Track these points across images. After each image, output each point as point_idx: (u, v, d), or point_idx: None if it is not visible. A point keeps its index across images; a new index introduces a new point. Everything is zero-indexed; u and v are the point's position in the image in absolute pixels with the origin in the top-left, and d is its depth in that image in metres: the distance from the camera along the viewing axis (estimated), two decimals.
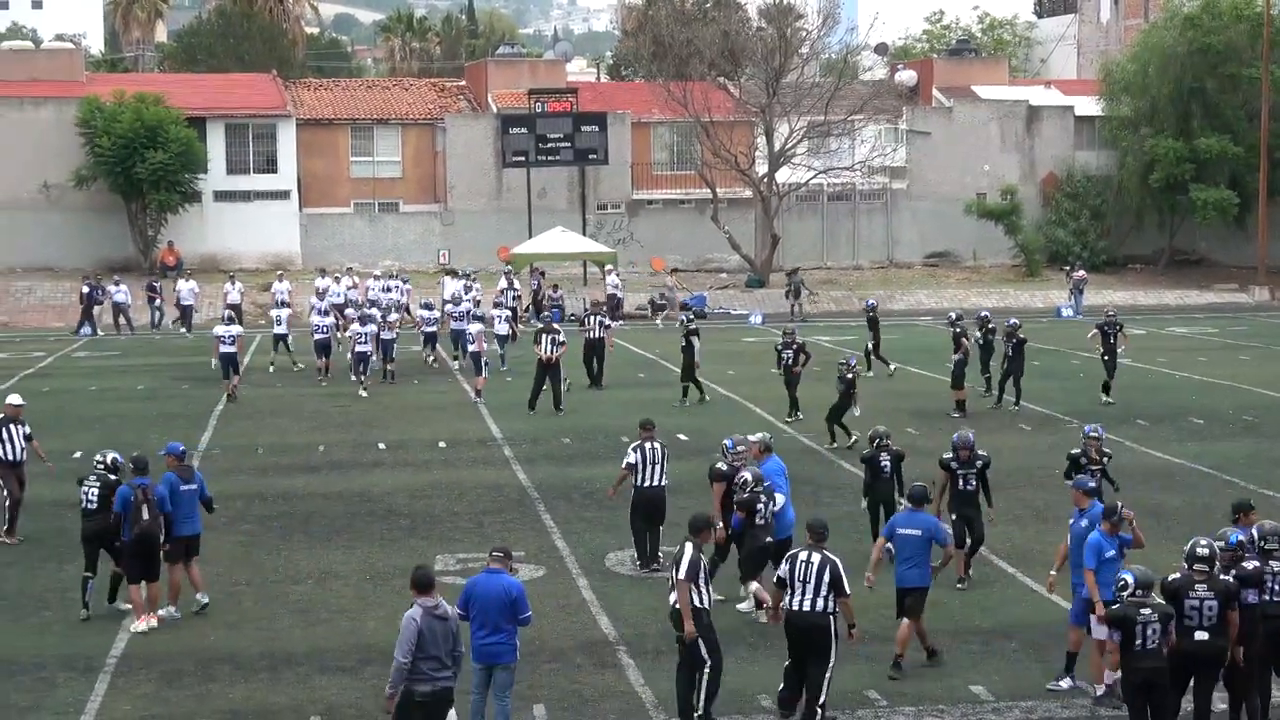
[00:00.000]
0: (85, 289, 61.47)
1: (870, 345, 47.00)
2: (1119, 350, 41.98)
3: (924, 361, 48.24)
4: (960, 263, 79.36)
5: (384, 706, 15.83)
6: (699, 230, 76.16)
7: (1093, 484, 20.37)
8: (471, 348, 43.34)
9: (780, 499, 22.41)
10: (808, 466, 32.62)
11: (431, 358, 49.17)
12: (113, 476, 22.28)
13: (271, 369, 47.88)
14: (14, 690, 19.08)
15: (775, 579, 18.19)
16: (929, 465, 30.21)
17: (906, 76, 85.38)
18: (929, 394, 41.91)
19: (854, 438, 34.16)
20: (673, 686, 18.61)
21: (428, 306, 50.13)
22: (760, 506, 21.74)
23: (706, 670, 17.56)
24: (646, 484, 23.99)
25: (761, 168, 72.86)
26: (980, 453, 23.35)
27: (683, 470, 31.34)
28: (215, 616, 21.97)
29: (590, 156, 73.30)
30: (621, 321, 60.61)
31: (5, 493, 26.46)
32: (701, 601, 17.57)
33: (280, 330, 49.00)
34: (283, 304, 52.39)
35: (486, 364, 43.01)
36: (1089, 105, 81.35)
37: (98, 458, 22.79)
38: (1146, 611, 16.35)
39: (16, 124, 71.27)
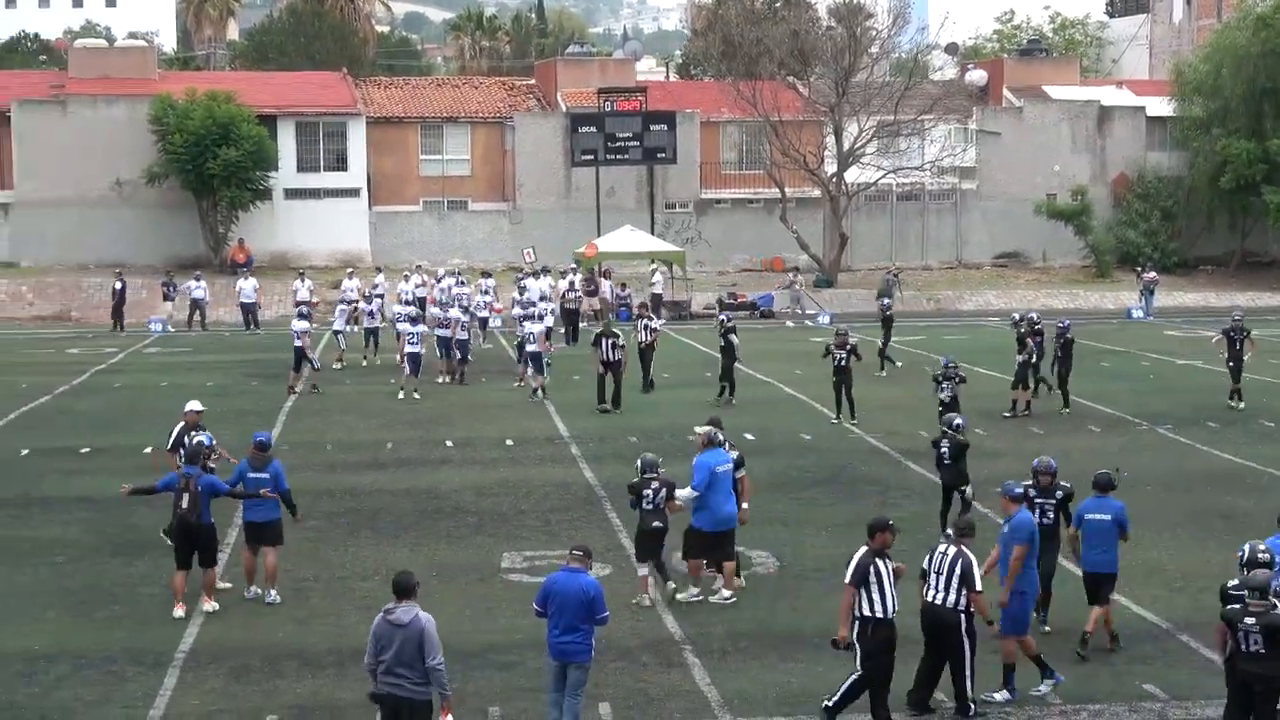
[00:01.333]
0: (118, 285, 61.65)
1: (880, 344, 47.25)
2: (1245, 357, 40.87)
3: (991, 362, 48.00)
4: (1030, 264, 79.01)
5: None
6: (767, 230, 76.02)
7: (1019, 490, 19.76)
8: (531, 347, 42.89)
9: (685, 493, 22.39)
10: (875, 467, 32.56)
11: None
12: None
13: (339, 365, 48.01)
14: (83, 684, 19.21)
15: (920, 572, 18.22)
16: (995, 466, 30.18)
17: (977, 76, 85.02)
18: (996, 395, 41.65)
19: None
20: (739, 685, 18.68)
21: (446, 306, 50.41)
22: (648, 492, 22.09)
23: (853, 676, 17.44)
24: None
25: (830, 167, 72.70)
26: (1063, 483, 21.31)
27: (751, 469, 31.24)
28: (283, 612, 22.07)
29: (659, 155, 73.26)
30: (664, 320, 60.52)
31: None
32: (871, 609, 17.25)
33: (338, 326, 49.23)
34: (342, 301, 52.52)
35: (548, 364, 43.05)
36: (1161, 106, 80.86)
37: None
38: (1249, 621, 16.05)
39: (90, 121, 71.80)
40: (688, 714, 18.11)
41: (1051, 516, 20.99)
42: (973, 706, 17.83)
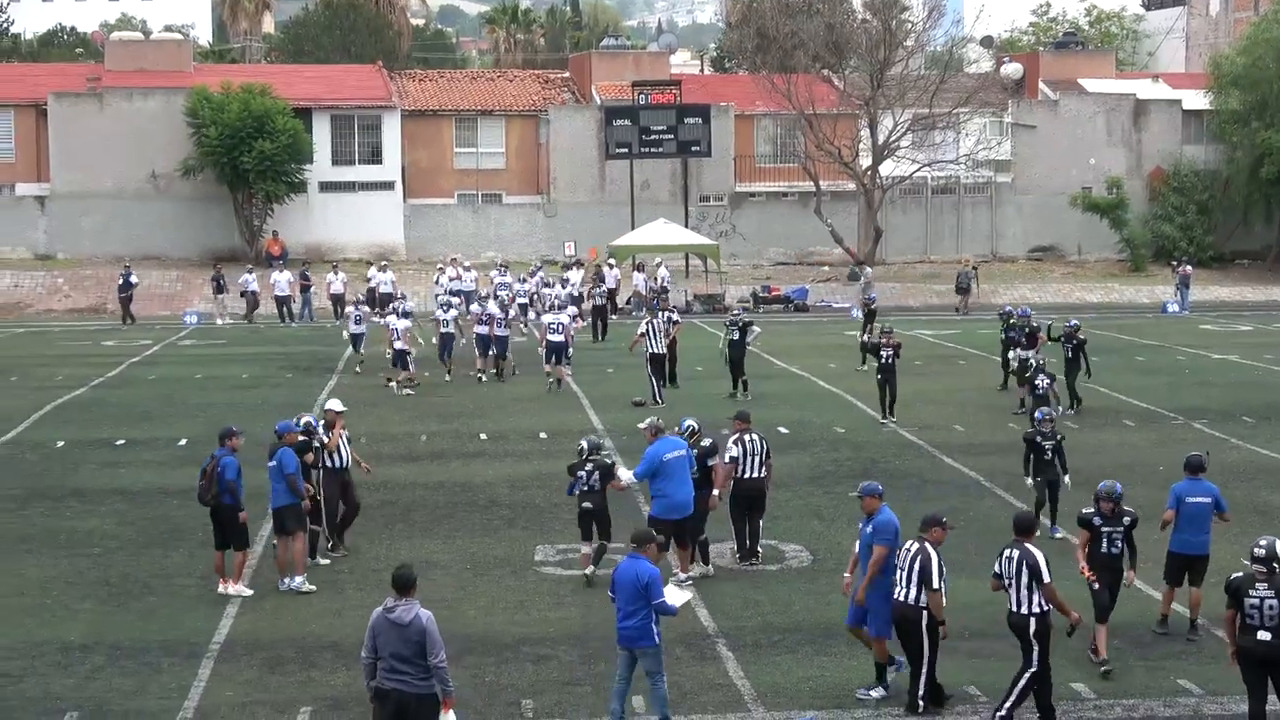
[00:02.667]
0: (131, 278, 61.51)
1: (862, 336, 46.61)
2: None
3: None
4: (1065, 257, 78.79)
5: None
6: (801, 223, 75.95)
7: (881, 488, 19.30)
8: (555, 337, 42.69)
9: (626, 475, 23.47)
10: (910, 461, 32.50)
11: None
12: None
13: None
14: (119, 674, 19.28)
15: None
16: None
17: (1012, 69, 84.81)
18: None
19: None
20: (773, 679, 18.69)
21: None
22: (581, 474, 23.31)
23: (1029, 674, 17.50)
24: (746, 476, 24.00)
25: (865, 160, 72.58)
26: (1127, 509, 19.82)
27: (783, 464, 31.24)
28: (318, 604, 22.13)
29: (693, 149, 73.27)
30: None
31: (327, 504, 24.64)
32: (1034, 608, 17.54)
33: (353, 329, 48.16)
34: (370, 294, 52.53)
35: (569, 356, 43.19)
36: (1197, 99, 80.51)
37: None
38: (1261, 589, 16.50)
39: (125, 114, 72.02)
40: (721, 707, 18.11)
41: (1119, 546, 19.61)
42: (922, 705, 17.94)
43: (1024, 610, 17.44)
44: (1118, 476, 28.16)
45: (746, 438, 24.19)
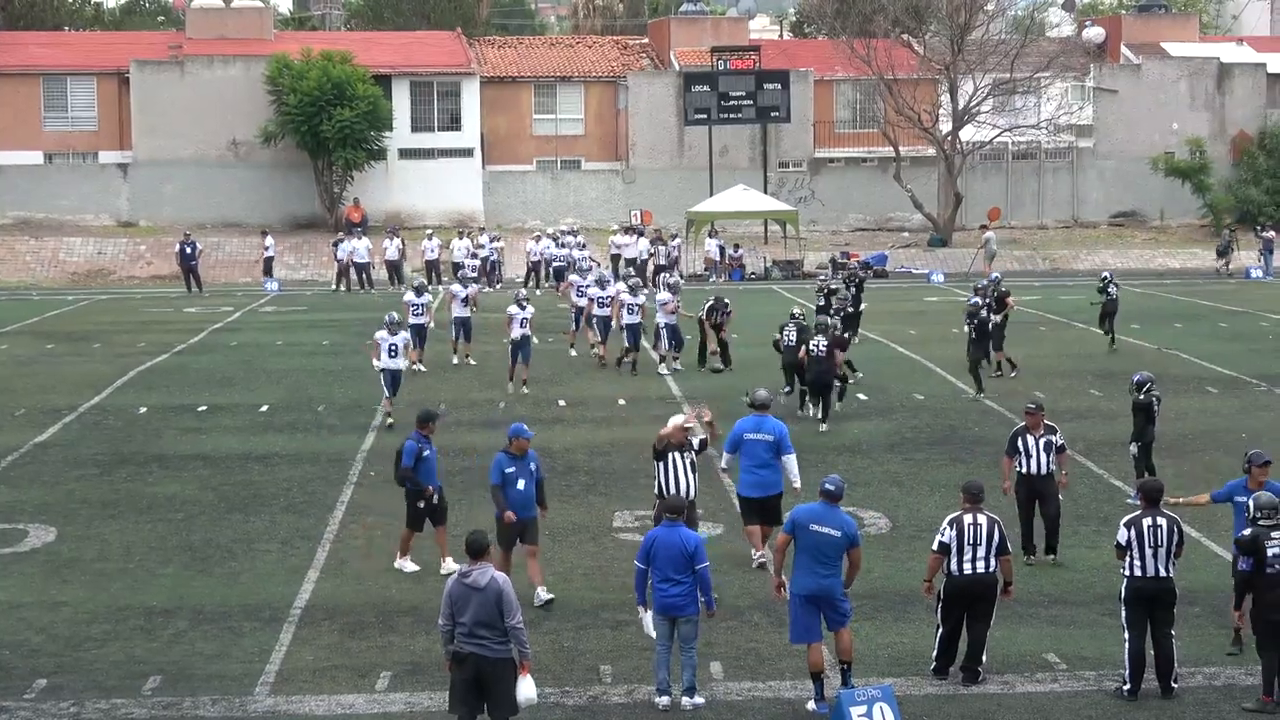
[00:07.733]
0: (188, 249, 61.62)
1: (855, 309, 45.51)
2: None
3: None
4: (1147, 222, 78.14)
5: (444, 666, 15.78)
6: (881, 189, 75.67)
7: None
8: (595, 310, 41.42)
9: (727, 457, 22.77)
10: (989, 428, 32.25)
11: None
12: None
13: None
14: (201, 638, 19.43)
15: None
16: (1113, 428, 29.91)
17: (1094, 33, 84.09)
18: (1113, 355, 41.41)
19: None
20: (853, 646, 18.67)
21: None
22: (783, 335, 29.97)
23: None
24: None
25: (945, 126, 72.21)
26: None
27: (862, 430, 31.24)
28: (397, 570, 22.20)
29: (772, 114, 73.09)
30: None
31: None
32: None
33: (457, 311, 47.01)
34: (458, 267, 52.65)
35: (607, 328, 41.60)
36: None
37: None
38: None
39: (206, 81, 72.36)
40: (799, 674, 18.04)
41: None
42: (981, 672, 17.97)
43: (1166, 573, 17.45)
44: (1198, 442, 27.99)
45: None
